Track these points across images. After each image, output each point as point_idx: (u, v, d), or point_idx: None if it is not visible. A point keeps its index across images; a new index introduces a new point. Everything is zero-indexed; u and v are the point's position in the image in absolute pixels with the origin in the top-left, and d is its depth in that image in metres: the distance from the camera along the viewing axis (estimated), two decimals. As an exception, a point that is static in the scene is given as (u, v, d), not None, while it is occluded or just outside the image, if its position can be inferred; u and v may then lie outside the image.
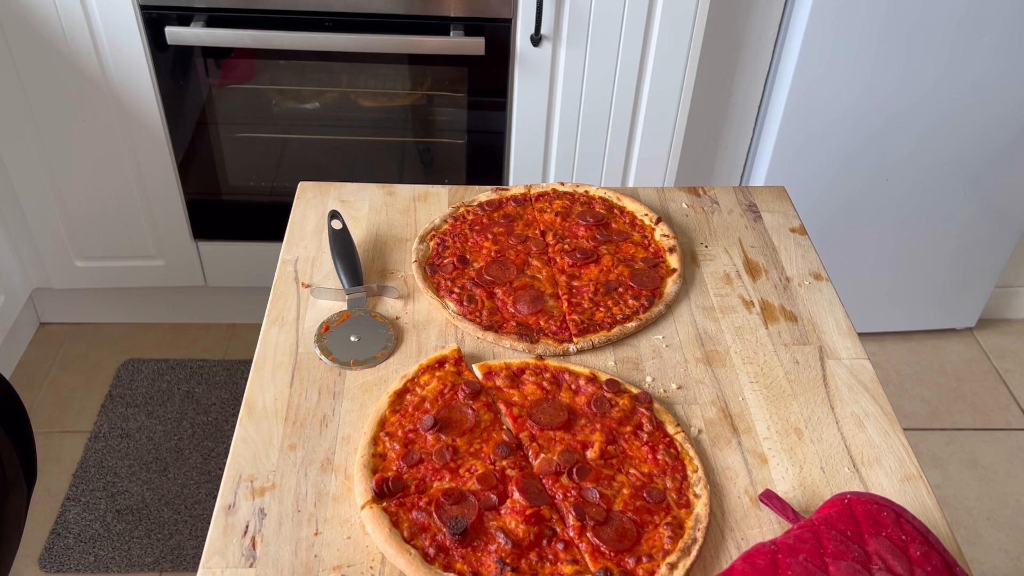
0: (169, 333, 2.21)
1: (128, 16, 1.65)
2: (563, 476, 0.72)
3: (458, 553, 0.66)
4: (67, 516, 1.78)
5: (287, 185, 2.00)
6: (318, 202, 1.02)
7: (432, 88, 1.91)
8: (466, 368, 0.81)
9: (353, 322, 0.86)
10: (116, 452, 1.91)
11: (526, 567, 0.66)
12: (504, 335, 0.85)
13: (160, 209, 1.95)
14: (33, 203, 1.91)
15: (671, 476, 0.72)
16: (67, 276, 2.05)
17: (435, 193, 1.05)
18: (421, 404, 0.77)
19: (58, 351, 2.15)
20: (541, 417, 0.76)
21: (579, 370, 0.81)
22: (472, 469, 0.72)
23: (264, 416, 0.77)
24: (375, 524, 0.67)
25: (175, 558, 1.73)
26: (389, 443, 0.73)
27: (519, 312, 0.88)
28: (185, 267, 2.06)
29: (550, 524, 0.69)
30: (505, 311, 0.88)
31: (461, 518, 0.67)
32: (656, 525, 0.69)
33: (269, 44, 1.73)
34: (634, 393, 0.79)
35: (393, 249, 0.96)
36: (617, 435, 0.76)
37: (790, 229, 1.02)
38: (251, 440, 0.75)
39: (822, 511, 0.66)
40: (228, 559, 0.66)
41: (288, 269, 0.93)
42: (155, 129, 1.81)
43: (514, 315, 0.88)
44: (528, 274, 0.93)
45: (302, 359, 0.83)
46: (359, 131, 2.01)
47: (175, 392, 2.06)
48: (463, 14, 1.70)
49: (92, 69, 1.71)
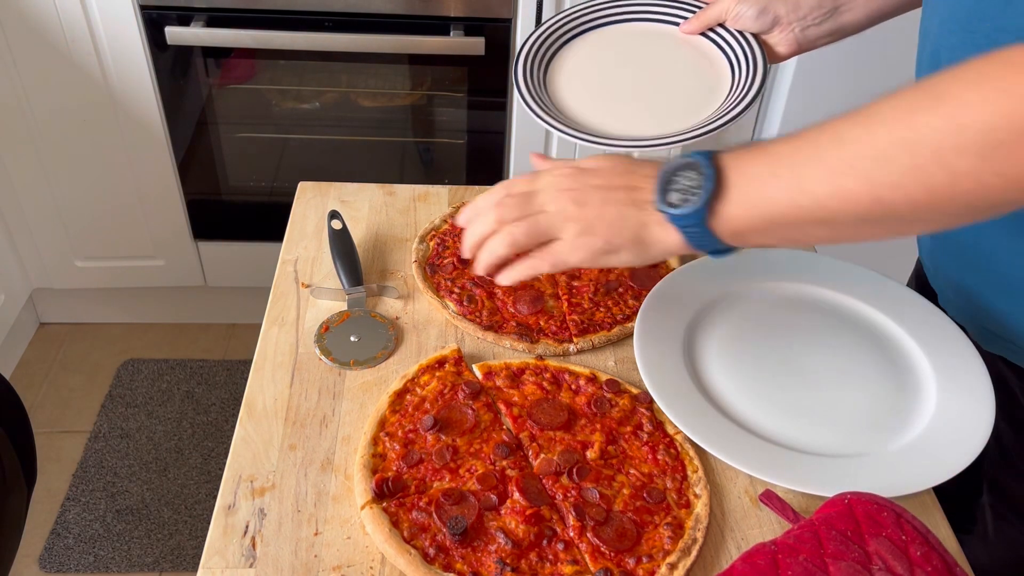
0: (169, 333, 2.21)
1: (128, 16, 1.65)
2: (563, 476, 0.72)
3: (458, 553, 0.66)
4: (67, 516, 1.78)
5: (287, 185, 2.00)
6: (318, 202, 1.02)
7: (432, 88, 1.91)
8: (466, 368, 0.81)
9: (353, 322, 0.86)
10: (116, 452, 1.91)
11: (526, 567, 0.66)
12: (504, 335, 0.86)
13: (160, 209, 1.95)
14: (33, 203, 1.91)
15: (671, 476, 0.72)
16: (67, 276, 2.05)
17: (435, 193, 1.05)
18: (421, 404, 0.77)
19: (58, 351, 2.15)
20: (541, 417, 0.76)
21: (579, 370, 0.81)
22: (472, 469, 0.72)
23: (264, 416, 0.77)
24: (375, 524, 0.67)
25: (175, 558, 1.73)
26: (389, 443, 0.73)
27: (519, 312, 0.88)
28: (185, 267, 2.06)
29: (550, 524, 0.69)
30: (505, 311, 0.88)
31: (461, 518, 0.67)
32: (656, 525, 0.69)
33: (269, 44, 1.73)
34: (634, 393, 0.79)
35: (393, 249, 0.96)
36: (617, 435, 0.76)
37: (790, 229, 1.02)
38: (251, 440, 0.75)
39: (822, 511, 0.66)
40: (228, 559, 0.66)
41: (288, 269, 0.93)
42: (155, 129, 1.81)
43: (514, 315, 0.88)
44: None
45: (302, 359, 0.83)
46: (359, 131, 2.01)
47: (175, 392, 2.06)
48: (463, 14, 1.70)
49: (92, 69, 1.71)
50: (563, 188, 0.73)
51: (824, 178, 0.61)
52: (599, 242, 0.71)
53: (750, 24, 0.95)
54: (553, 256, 0.72)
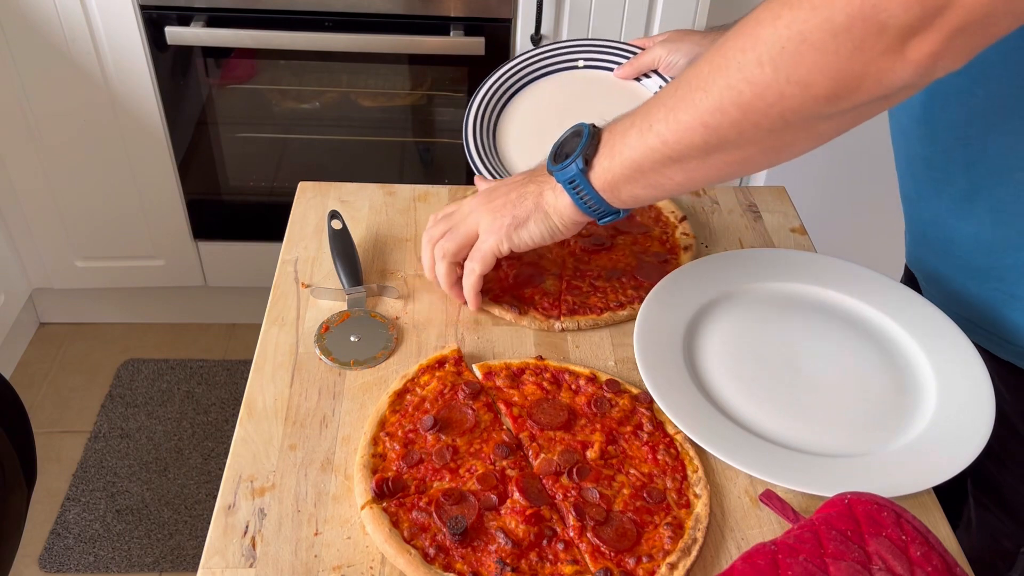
0: (169, 333, 2.21)
1: (128, 16, 1.65)
2: (563, 476, 0.72)
3: (458, 553, 0.66)
4: (67, 516, 1.78)
5: (287, 185, 2.00)
6: (318, 202, 1.02)
7: (432, 88, 1.91)
8: (466, 368, 0.81)
9: (353, 322, 0.86)
10: (116, 452, 1.91)
11: (526, 567, 0.66)
12: (494, 303, 0.87)
13: (160, 209, 1.95)
14: (33, 203, 1.91)
15: (671, 476, 0.72)
16: (67, 276, 2.05)
17: (435, 193, 1.05)
18: (421, 404, 0.77)
19: (58, 351, 2.15)
20: (541, 417, 0.76)
21: (579, 370, 0.81)
22: (472, 469, 0.72)
23: (264, 416, 0.77)
24: (375, 524, 0.67)
25: (175, 558, 1.73)
26: (389, 443, 0.73)
27: (517, 284, 0.89)
28: (185, 267, 2.06)
29: (550, 524, 0.68)
30: (505, 282, 0.90)
31: (461, 518, 0.67)
32: (656, 525, 0.69)
33: (269, 44, 1.73)
34: (634, 393, 0.79)
35: (393, 249, 0.96)
36: (617, 435, 0.76)
37: (790, 229, 1.02)
38: (251, 440, 0.75)
39: (822, 511, 0.66)
40: (228, 559, 0.66)
41: (288, 269, 0.93)
42: (155, 129, 1.81)
43: (512, 287, 0.89)
44: (538, 251, 0.93)
45: (302, 359, 0.83)
46: (359, 131, 2.01)
47: (175, 392, 2.06)
48: (463, 14, 1.70)
49: (92, 69, 1.71)
50: (476, 202, 0.82)
51: (664, 116, 0.67)
52: (507, 219, 0.79)
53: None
54: (477, 251, 0.82)
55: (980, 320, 0.84)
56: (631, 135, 0.70)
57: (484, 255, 0.81)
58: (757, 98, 0.60)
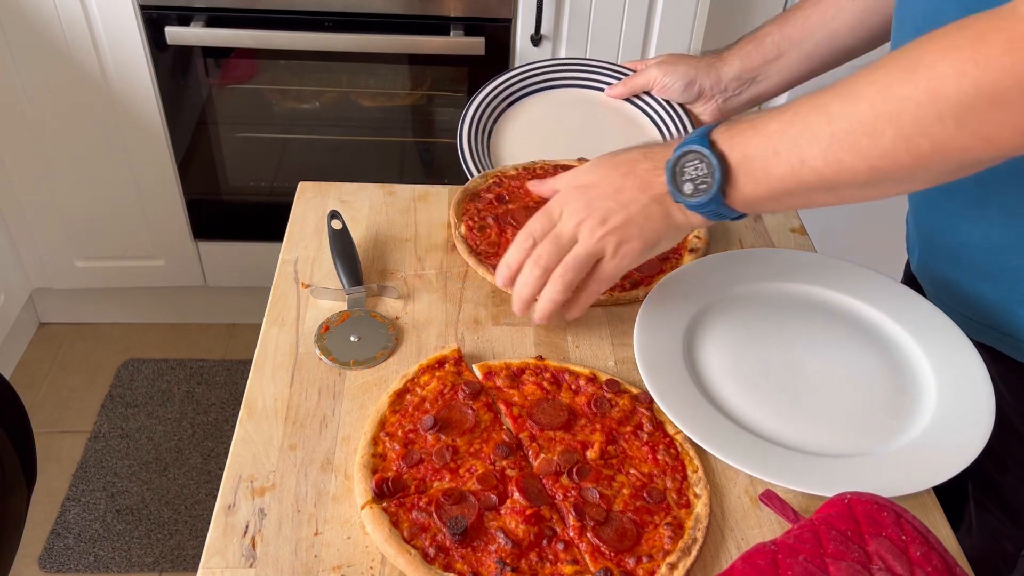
0: (169, 333, 2.21)
1: (128, 16, 1.65)
2: (563, 476, 0.72)
3: (458, 553, 0.66)
4: (67, 516, 1.78)
5: (287, 185, 2.00)
6: (318, 202, 1.02)
7: (432, 88, 1.91)
8: (466, 368, 0.81)
9: (353, 322, 0.86)
10: (116, 452, 1.91)
11: (526, 567, 0.66)
12: (483, 265, 0.91)
13: (160, 209, 1.95)
14: (33, 203, 1.91)
15: (671, 476, 0.72)
16: (67, 276, 2.05)
17: (435, 193, 1.05)
18: (421, 404, 0.77)
19: (58, 351, 2.15)
20: (541, 417, 0.76)
21: (579, 370, 0.81)
22: (472, 469, 0.72)
23: (264, 416, 0.77)
24: (375, 524, 0.67)
25: (175, 558, 1.73)
26: (389, 443, 0.73)
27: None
28: (185, 267, 2.06)
29: (550, 524, 0.68)
30: (503, 250, 0.90)
31: (461, 518, 0.67)
32: (656, 525, 0.69)
33: (269, 44, 1.73)
34: (634, 393, 0.79)
35: (393, 249, 0.96)
36: (617, 435, 0.76)
37: (790, 229, 1.02)
38: (251, 440, 0.75)
39: (822, 511, 0.66)
40: (228, 559, 0.66)
41: (288, 269, 0.93)
42: (155, 129, 1.81)
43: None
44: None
45: (302, 359, 0.83)
46: (359, 131, 2.01)
47: (175, 392, 2.06)
48: (463, 14, 1.70)
49: (92, 69, 1.71)
50: (581, 214, 0.77)
51: (820, 154, 0.65)
52: (638, 244, 0.77)
53: (676, 95, 1.05)
54: (604, 274, 0.79)
55: (993, 323, 0.83)
56: (775, 165, 0.68)
57: (615, 279, 0.80)
58: (937, 151, 0.60)
